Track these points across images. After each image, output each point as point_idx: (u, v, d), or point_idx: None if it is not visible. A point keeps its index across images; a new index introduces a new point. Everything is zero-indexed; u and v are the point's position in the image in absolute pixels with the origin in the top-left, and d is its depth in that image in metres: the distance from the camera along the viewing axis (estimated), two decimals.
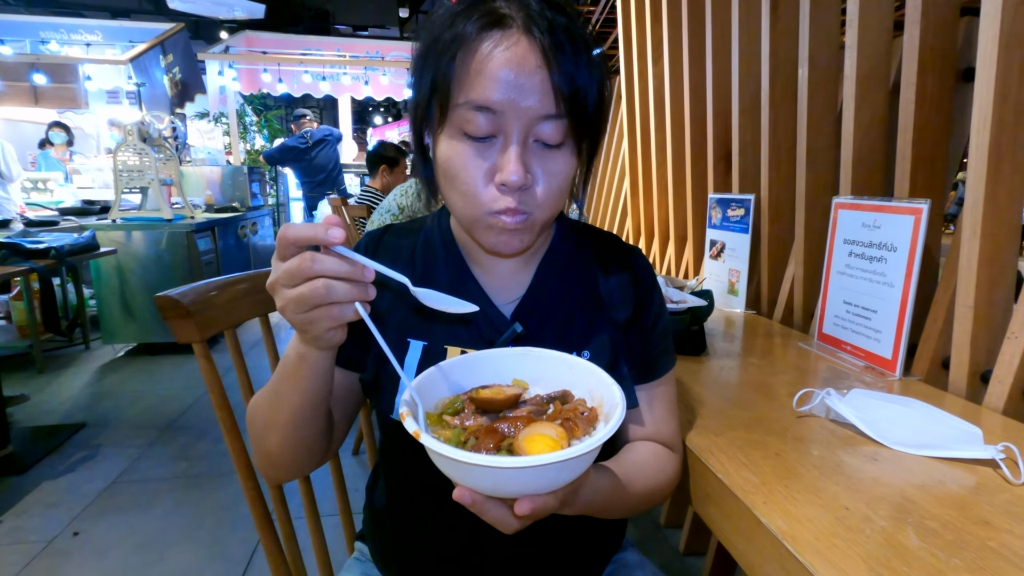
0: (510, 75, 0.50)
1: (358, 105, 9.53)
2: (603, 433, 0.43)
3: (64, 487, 2.01)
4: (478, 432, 0.46)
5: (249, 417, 0.61)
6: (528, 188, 0.54)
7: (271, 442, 0.59)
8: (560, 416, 0.48)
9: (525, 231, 0.57)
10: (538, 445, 0.44)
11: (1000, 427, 0.75)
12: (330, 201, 2.87)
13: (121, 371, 3.23)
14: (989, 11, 0.80)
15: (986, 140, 0.82)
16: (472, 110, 0.52)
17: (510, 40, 0.51)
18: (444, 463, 0.43)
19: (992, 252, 0.85)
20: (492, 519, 0.45)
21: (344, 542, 0.87)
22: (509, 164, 0.52)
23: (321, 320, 0.45)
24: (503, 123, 0.52)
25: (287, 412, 0.56)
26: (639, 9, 2.11)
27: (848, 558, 0.49)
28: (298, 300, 0.44)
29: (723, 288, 1.50)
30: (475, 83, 0.51)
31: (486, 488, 0.44)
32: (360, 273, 0.45)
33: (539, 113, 0.52)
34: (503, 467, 0.40)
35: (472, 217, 0.56)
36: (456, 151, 0.54)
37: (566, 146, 0.55)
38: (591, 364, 0.53)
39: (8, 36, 6.20)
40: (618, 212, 2.80)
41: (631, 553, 0.77)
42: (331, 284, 0.44)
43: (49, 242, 2.36)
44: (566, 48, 0.51)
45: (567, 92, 0.52)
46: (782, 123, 1.36)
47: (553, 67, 0.51)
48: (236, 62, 6.63)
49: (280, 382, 0.55)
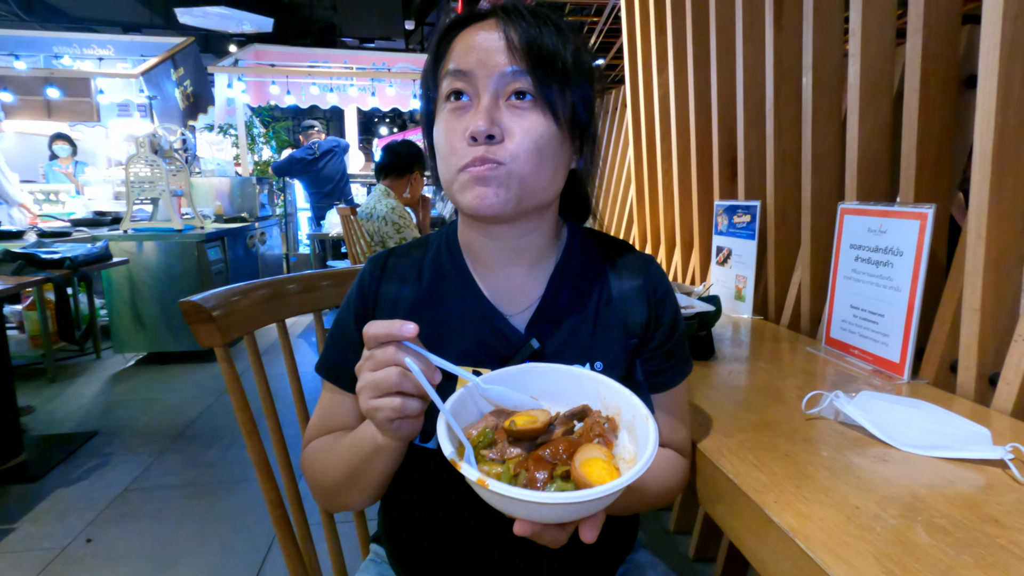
0: (480, 43, 0.58)
1: (364, 116, 9.62)
2: (650, 450, 0.44)
3: (77, 495, 2.03)
4: (524, 464, 0.46)
5: (314, 471, 0.66)
6: (499, 140, 0.57)
7: (349, 498, 0.65)
8: (591, 433, 0.49)
9: (499, 183, 0.56)
10: (596, 470, 0.44)
11: (1009, 429, 0.76)
12: (339, 211, 2.90)
13: (132, 380, 3.26)
14: (990, 19, 0.82)
15: (989, 146, 0.83)
16: (450, 77, 0.59)
17: (486, 23, 0.59)
18: (510, 504, 0.43)
19: (997, 255, 0.85)
20: (547, 541, 0.47)
21: (358, 545, 0.89)
22: (476, 117, 0.56)
23: (385, 408, 0.48)
24: (475, 85, 0.58)
25: (366, 481, 0.61)
26: (643, 19, 2.13)
27: (859, 555, 0.50)
28: (373, 385, 0.48)
29: (730, 294, 1.51)
30: (454, 56, 0.59)
31: (551, 519, 0.45)
32: (430, 370, 0.48)
33: (506, 71, 0.57)
34: (582, 501, 0.41)
35: (450, 179, 0.59)
36: (442, 121, 0.60)
37: (538, 105, 0.58)
38: (595, 374, 0.55)
39: (23, 51, 6.31)
40: (624, 219, 2.81)
41: (643, 554, 0.78)
42: (404, 373, 0.47)
43: (63, 252, 2.40)
44: (532, 21, 0.58)
45: (528, 49, 0.57)
46: (787, 130, 1.37)
47: (522, 33, 0.57)
48: (245, 75, 6.73)
49: (358, 460, 0.59)
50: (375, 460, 0.58)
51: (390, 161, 2.71)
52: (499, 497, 0.42)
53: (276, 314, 0.84)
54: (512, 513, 0.45)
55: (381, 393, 0.48)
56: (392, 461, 0.59)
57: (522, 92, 0.57)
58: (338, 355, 0.67)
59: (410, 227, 2.64)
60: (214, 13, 6.36)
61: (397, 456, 0.59)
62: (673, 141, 1.98)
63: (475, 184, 0.57)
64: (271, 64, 6.95)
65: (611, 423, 0.51)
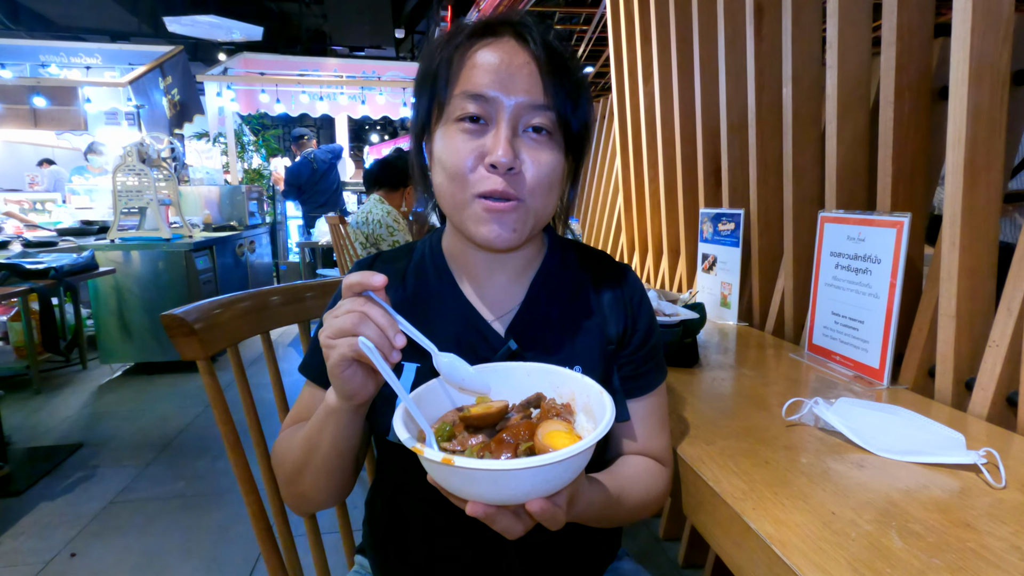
0: (501, 67, 0.56)
1: (355, 124, 9.63)
2: (608, 414, 0.47)
3: (61, 508, 2.00)
4: (486, 448, 0.47)
5: (278, 460, 0.66)
6: (517, 172, 0.57)
7: (304, 485, 0.63)
8: (549, 415, 0.51)
9: (516, 220, 0.58)
10: (559, 439, 0.46)
11: (984, 433, 0.77)
12: (328, 220, 2.90)
13: (118, 391, 3.22)
14: (959, 33, 0.84)
15: (961, 156, 0.85)
16: (466, 99, 0.56)
17: (502, 41, 0.57)
18: (476, 481, 0.43)
19: (972, 264, 0.87)
20: (502, 527, 0.47)
21: (344, 557, 0.88)
22: (498, 145, 0.56)
23: (341, 345, 0.49)
24: (494, 110, 0.56)
25: (319, 459, 0.60)
26: (629, 30, 2.16)
27: (834, 561, 0.50)
28: (336, 327, 0.49)
29: (716, 301, 1.53)
30: (469, 75, 0.56)
31: (520, 492, 0.44)
32: (391, 324, 0.50)
33: (528, 103, 0.56)
34: (552, 462, 0.42)
35: (461, 202, 0.59)
36: (450, 138, 0.58)
37: (554, 140, 0.59)
38: (544, 365, 0.57)
39: (9, 60, 6.27)
40: (612, 228, 2.83)
41: (627, 562, 0.78)
42: (364, 319, 0.49)
43: (48, 262, 2.38)
44: (554, 53, 0.57)
45: (554, 87, 0.56)
46: (768, 139, 1.40)
47: (542, 64, 0.56)
48: (234, 83, 6.72)
49: (312, 432, 0.59)
50: (327, 427, 0.58)
51: (384, 174, 2.70)
52: (465, 474, 0.43)
53: (260, 326, 0.84)
54: (478, 495, 0.45)
55: (341, 334, 0.49)
56: (342, 432, 0.58)
57: (541, 127, 0.58)
58: (320, 356, 0.67)
59: (403, 230, 2.67)
60: (203, 22, 6.35)
61: (347, 426, 0.58)
62: (659, 149, 2.00)
63: (492, 221, 0.58)
64: (261, 72, 6.94)
65: (566, 407, 0.53)
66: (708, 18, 1.64)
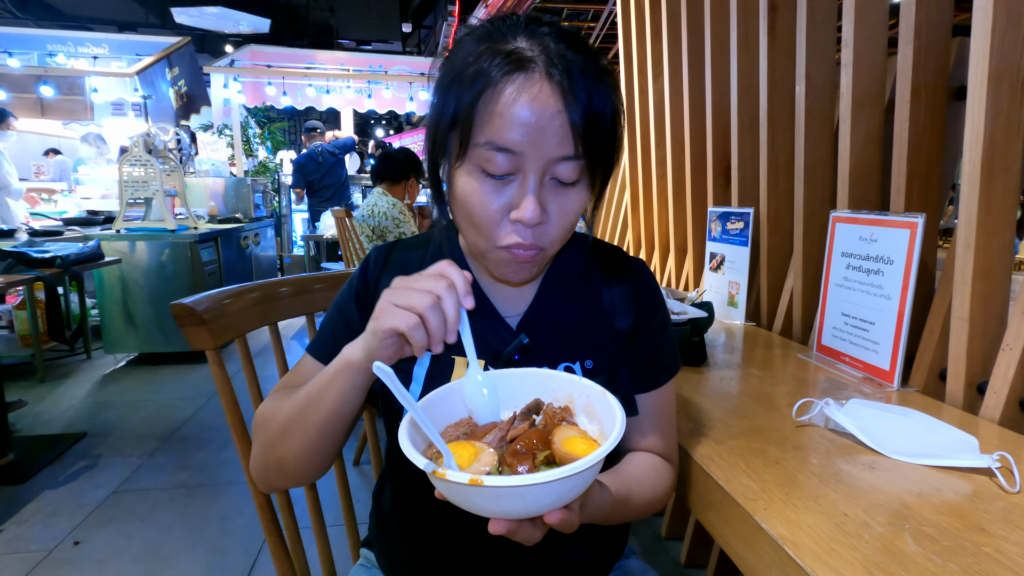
0: (531, 118, 0.51)
1: (360, 118, 9.61)
2: (619, 415, 0.46)
3: (65, 496, 2.01)
4: (502, 462, 0.46)
5: (263, 419, 0.63)
6: (543, 223, 0.56)
7: (287, 448, 0.60)
8: (555, 420, 0.50)
9: (535, 264, 0.59)
10: (578, 445, 0.45)
11: (996, 437, 0.77)
12: (334, 213, 2.91)
13: (122, 381, 3.23)
14: (979, 32, 0.83)
15: (979, 157, 0.84)
16: (492, 150, 0.53)
17: (531, 83, 0.51)
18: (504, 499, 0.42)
19: (986, 265, 0.86)
20: (523, 538, 0.46)
21: (349, 550, 0.88)
22: (526, 203, 0.53)
23: (398, 317, 0.50)
24: (522, 163, 0.53)
25: (315, 418, 0.58)
26: (639, 26, 2.15)
27: (847, 562, 0.50)
28: (408, 301, 0.50)
29: (723, 300, 1.52)
30: (497, 124, 0.52)
31: (548, 503, 0.43)
32: (454, 324, 0.51)
33: (557, 155, 0.53)
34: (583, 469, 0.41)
35: (485, 248, 0.58)
36: (474, 187, 0.55)
37: (581, 183, 0.57)
38: (537, 370, 0.56)
39: (16, 49, 6.29)
40: (619, 225, 2.82)
41: (634, 560, 0.78)
42: (436, 306, 0.50)
43: (55, 251, 2.38)
44: (584, 88, 0.52)
45: (585, 134, 0.53)
46: (780, 138, 1.38)
47: (572, 109, 0.52)
48: (241, 75, 6.71)
49: (315, 390, 0.57)
50: (335, 384, 0.56)
51: (387, 168, 2.80)
52: (494, 493, 0.41)
53: (268, 317, 0.84)
54: (503, 512, 0.44)
55: (408, 307, 0.50)
56: (348, 393, 0.56)
57: (571, 176, 0.55)
58: (331, 336, 0.67)
59: (408, 223, 2.70)
60: (211, 13, 6.35)
61: (355, 388, 0.56)
62: (668, 147, 1.99)
63: (513, 264, 0.58)
64: (267, 65, 6.95)
65: (566, 410, 0.52)
66: (721, 15, 1.63)
